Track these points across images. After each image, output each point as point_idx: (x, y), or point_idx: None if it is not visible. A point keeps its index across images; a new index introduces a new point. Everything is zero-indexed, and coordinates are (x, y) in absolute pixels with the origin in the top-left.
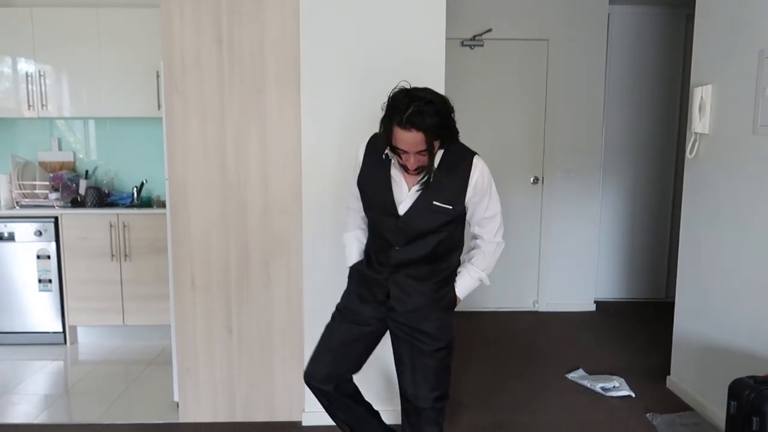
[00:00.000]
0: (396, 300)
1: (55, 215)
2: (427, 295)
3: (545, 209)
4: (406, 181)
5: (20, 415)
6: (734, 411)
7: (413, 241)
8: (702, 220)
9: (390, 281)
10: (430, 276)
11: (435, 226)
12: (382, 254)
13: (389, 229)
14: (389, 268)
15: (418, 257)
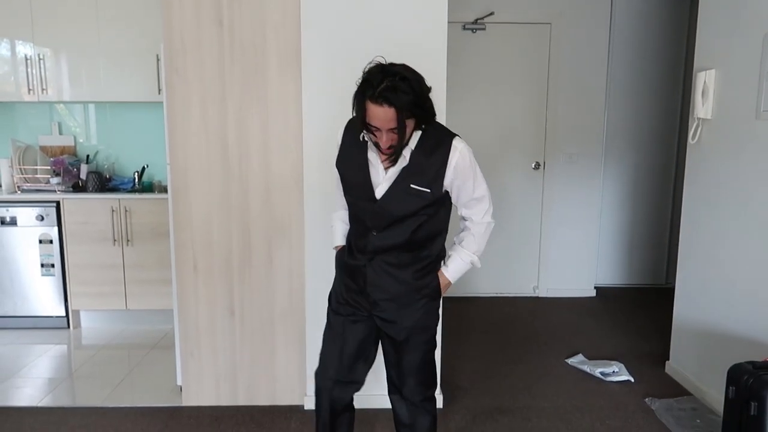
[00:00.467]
0: (372, 287)
1: (56, 200)
2: (407, 284)
3: (546, 194)
4: (383, 163)
5: (25, 398)
6: (733, 396)
7: (391, 225)
8: (703, 206)
9: (368, 268)
10: (410, 264)
11: (412, 210)
12: (360, 240)
13: (367, 213)
14: (368, 255)
15: (396, 243)
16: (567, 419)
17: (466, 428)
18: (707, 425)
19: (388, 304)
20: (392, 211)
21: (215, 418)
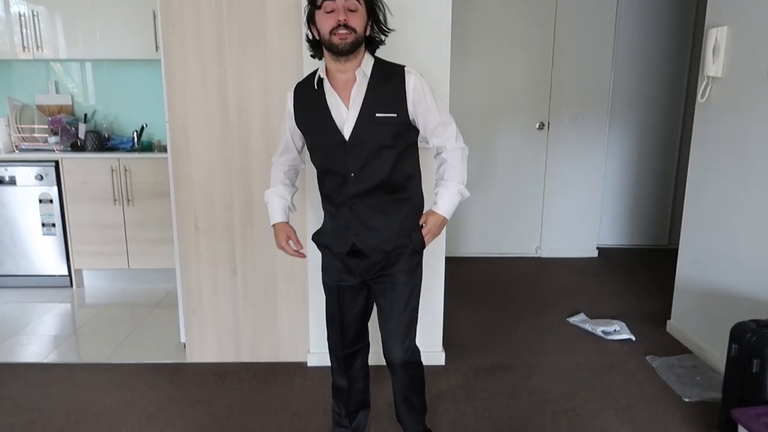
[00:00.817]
0: (359, 235)
1: (55, 159)
2: (393, 228)
3: (550, 155)
4: (344, 100)
5: (30, 354)
6: (735, 353)
7: (367, 164)
8: (710, 165)
9: (352, 215)
10: (392, 209)
11: (383, 141)
12: (338, 193)
13: (340, 159)
14: (348, 204)
15: (375, 183)
16: (568, 376)
17: (468, 385)
18: (708, 382)
19: (377, 254)
20: (364, 146)
21: (219, 374)
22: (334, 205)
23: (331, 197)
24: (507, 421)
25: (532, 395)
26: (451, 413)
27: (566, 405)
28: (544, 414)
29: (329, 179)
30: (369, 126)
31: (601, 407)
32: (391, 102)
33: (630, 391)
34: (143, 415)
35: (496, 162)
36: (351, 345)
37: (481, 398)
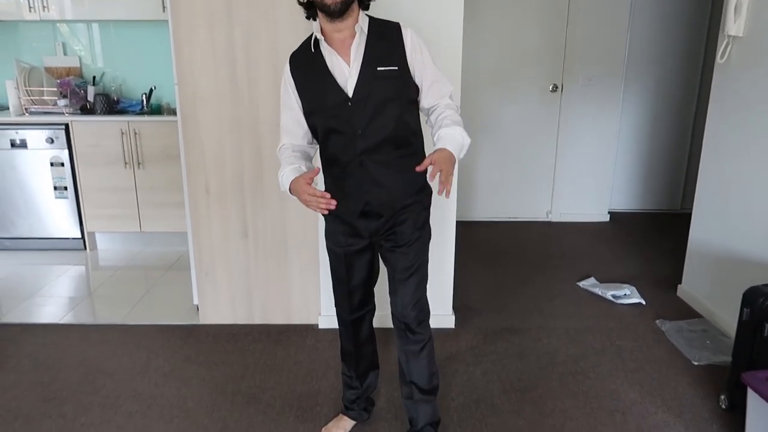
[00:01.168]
0: (370, 194)
1: (65, 122)
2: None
3: (563, 117)
4: (344, 58)
5: (47, 315)
6: (746, 317)
7: (373, 120)
8: (728, 128)
9: (363, 177)
10: (400, 165)
11: (388, 93)
12: (344, 152)
13: (344, 118)
14: (357, 161)
15: (382, 138)
16: (577, 339)
17: (477, 347)
18: (717, 346)
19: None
20: (369, 102)
21: (232, 335)
22: (339, 166)
23: (337, 158)
24: (516, 383)
25: (541, 357)
26: (461, 375)
27: (575, 367)
28: (553, 376)
29: (334, 140)
30: (372, 80)
31: (610, 370)
32: (391, 55)
33: (639, 354)
34: (159, 374)
35: (508, 125)
36: (358, 309)
37: (491, 360)
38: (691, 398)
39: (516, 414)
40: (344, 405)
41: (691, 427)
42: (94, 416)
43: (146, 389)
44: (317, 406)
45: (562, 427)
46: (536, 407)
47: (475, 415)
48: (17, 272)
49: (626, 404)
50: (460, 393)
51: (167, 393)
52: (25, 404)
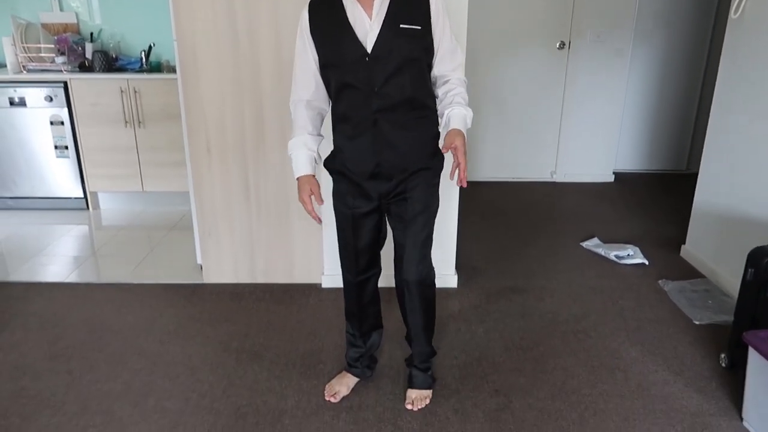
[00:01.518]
0: (382, 155)
1: (63, 80)
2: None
3: (570, 75)
4: (366, 11)
5: (52, 274)
6: (750, 278)
7: (390, 78)
8: (739, 86)
9: (376, 137)
10: (414, 126)
11: (408, 52)
12: (359, 109)
13: (362, 73)
14: (371, 120)
15: (399, 99)
16: (579, 299)
17: (480, 307)
18: (719, 306)
19: (398, 174)
20: (388, 59)
21: (236, 294)
22: (351, 124)
23: (350, 116)
24: (518, 342)
25: (544, 317)
26: (463, 333)
27: (577, 326)
28: (555, 335)
29: (348, 95)
30: (393, 38)
31: (612, 329)
32: (415, 13)
33: (641, 313)
34: (164, 332)
35: (513, 83)
36: (365, 271)
37: (493, 319)
38: (692, 357)
39: (517, 371)
40: (347, 363)
41: (691, 384)
42: (101, 373)
43: (151, 347)
44: (320, 364)
45: (563, 384)
46: (538, 365)
47: (476, 372)
48: (21, 232)
49: (627, 362)
50: (462, 351)
51: (172, 350)
52: (33, 361)
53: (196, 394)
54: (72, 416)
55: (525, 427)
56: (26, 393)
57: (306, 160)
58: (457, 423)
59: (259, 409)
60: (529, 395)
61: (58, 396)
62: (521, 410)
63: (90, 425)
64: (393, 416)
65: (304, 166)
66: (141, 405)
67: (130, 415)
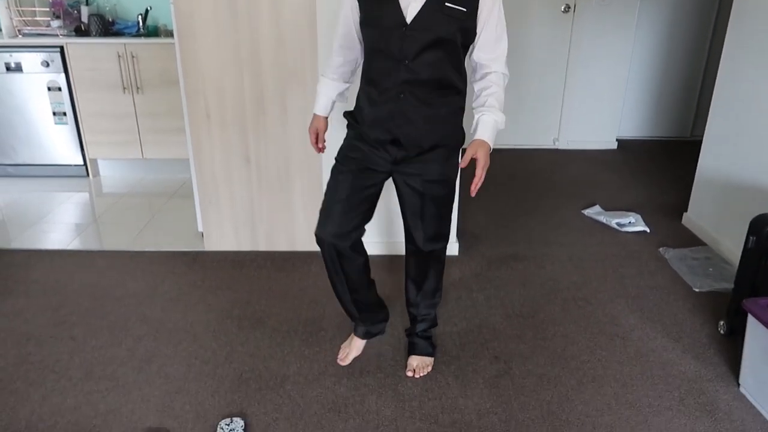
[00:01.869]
0: (400, 129)
1: (60, 44)
2: (436, 123)
3: (574, 41)
4: None
5: (54, 241)
6: (752, 245)
7: (423, 53)
8: (746, 52)
9: (396, 109)
10: (439, 104)
11: (446, 32)
12: (386, 77)
13: (395, 43)
14: (395, 91)
15: (428, 76)
16: (580, 267)
17: (481, 274)
18: (720, 274)
19: (412, 146)
20: (424, 34)
21: (237, 262)
22: (377, 90)
23: (378, 82)
24: (518, 309)
25: (544, 284)
26: (464, 301)
27: (577, 294)
28: (555, 302)
29: (379, 61)
30: (435, 13)
31: (612, 296)
32: None
33: (641, 281)
34: (166, 299)
35: (515, 47)
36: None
37: (494, 287)
38: (691, 324)
39: (517, 338)
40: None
41: (689, 351)
42: (104, 339)
43: (154, 314)
44: (322, 331)
45: (563, 351)
46: (538, 332)
47: (477, 339)
48: (21, 199)
49: (626, 329)
50: (462, 318)
51: (174, 317)
52: (36, 328)
53: (198, 360)
54: (76, 381)
55: (524, 393)
56: (31, 359)
57: (323, 102)
58: (457, 389)
59: (262, 375)
60: (528, 362)
61: (63, 362)
62: (521, 376)
63: (94, 390)
64: (394, 382)
65: (320, 108)
66: (144, 371)
67: (134, 380)
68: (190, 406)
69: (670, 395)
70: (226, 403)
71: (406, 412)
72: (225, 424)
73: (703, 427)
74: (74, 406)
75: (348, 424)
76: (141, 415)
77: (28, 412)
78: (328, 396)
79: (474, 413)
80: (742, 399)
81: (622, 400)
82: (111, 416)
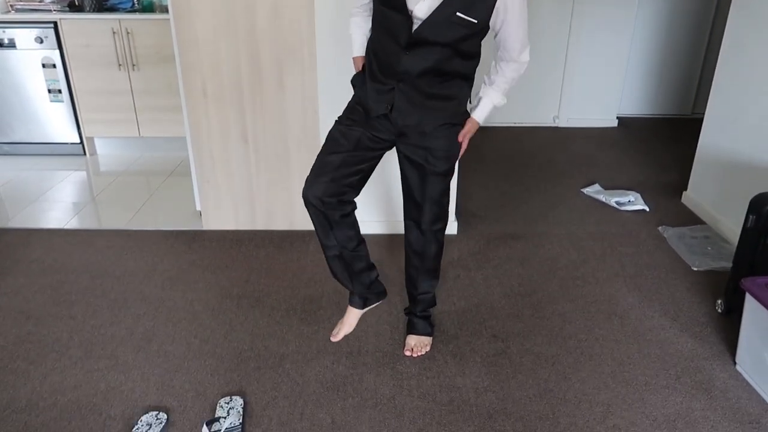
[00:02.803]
0: (398, 113)
1: (53, 20)
2: (435, 111)
3: (576, 16)
4: None
5: (52, 220)
6: (751, 224)
7: (427, 50)
8: (749, 28)
9: (396, 91)
10: (440, 92)
11: (451, 39)
12: (388, 60)
13: (401, 30)
14: (397, 76)
15: (428, 68)
16: (579, 245)
17: (480, 253)
18: (718, 252)
19: (413, 130)
20: (428, 37)
21: (236, 241)
22: (380, 65)
23: (381, 59)
24: (516, 288)
25: (543, 263)
26: (462, 280)
27: (575, 272)
28: (553, 281)
29: (385, 39)
30: (444, 22)
31: (610, 275)
32: (479, 7)
33: (639, 260)
34: (165, 278)
35: None
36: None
37: (492, 266)
38: (688, 302)
39: (515, 317)
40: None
41: (687, 330)
42: (104, 318)
43: (153, 292)
44: (320, 310)
45: (560, 330)
46: (536, 311)
47: (475, 318)
48: (19, 177)
49: (624, 308)
50: (461, 297)
51: (174, 296)
52: (36, 306)
53: (198, 339)
54: (77, 360)
55: (522, 372)
56: (31, 338)
57: (360, 41)
58: (455, 367)
59: (261, 353)
60: (526, 340)
61: (63, 341)
62: (518, 355)
63: (94, 369)
64: (392, 361)
65: (358, 48)
66: (144, 349)
67: (134, 359)
68: (190, 385)
69: (667, 373)
70: (225, 382)
71: (404, 391)
72: (224, 403)
73: (699, 404)
74: (74, 385)
75: (346, 403)
76: (141, 393)
77: (29, 391)
78: (326, 374)
79: (472, 391)
80: (738, 377)
81: (619, 378)
82: (111, 395)
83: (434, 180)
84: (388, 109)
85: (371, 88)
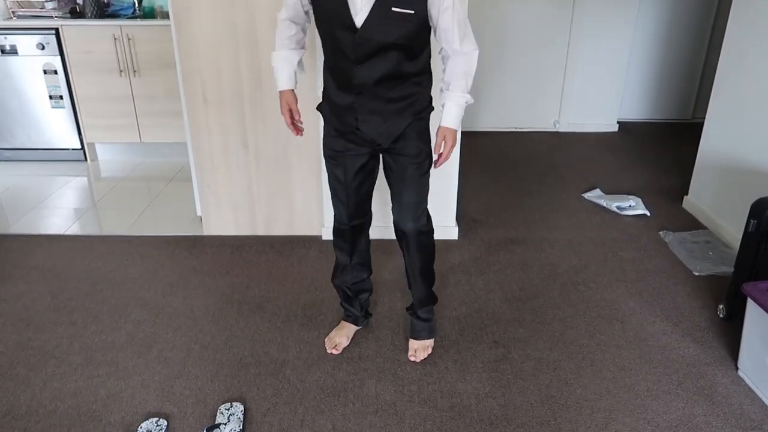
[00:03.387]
0: (365, 123)
1: (55, 26)
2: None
3: (576, 20)
4: None
5: (52, 226)
6: (753, 229)
7: (374, 56)
8: (750, 33)
9: (357, 104)
10: (400, 92)
11: (397, 38)
12: (344, 75)
13: (347, 44)
14: (354, 89)
15: (383, 75)
16: (580, 250)
17: (481, 258)
18: (719, 257)
19: (385, 138)
20: (375, 40)
21: (236, 246)
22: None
23: (336, 75)
24: (517, 293)
25: (543, 268)
26: (463, 285)
27: (576, 278)
28: (554, 286)
29: (335, 56)
30: (382, 20)
31: (611, 280)
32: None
33: (641, 265)
34: (165, 284)
35: (515, 29)
36: (356, 216)
37: (493, 271)
38: (690, 307)
39: (517, 322)
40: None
41: (688, 334)
42: (104, 324)
43: (153, 298)
44: (321, 315)
45: (561, 335)
46: (537, 316)
47: (476, 323)
48: (20, 183)
49: (625, 313)
50: (462, 303)
51: (174, 302)
52: (36, 312)
53: (198, 345)
54: (77, 366)
55: (523, 377)
56: (31, 344)
57: (286, 75)
58: (456, 373)
59: (261, 359)
60: (527, 346)
61: (63, 347)
62: (520, 361)
63: (95, 375)
64: (393, 366)
65: (284, 82)
66: (144, 355)
67: (134, 365)
68: (190, 391)
69: (669, 379)
70: (225, 388)
71: (405, 396)
72: (225, 409)
73: (702, 410)
74: (74, 391)
75: (347, 409)
76: (141, 399)
77: (29, 397)
78: (327, 380)
79: (473, 397)
80: (740, 383)
81: (621, 384)
82: (111, 401)
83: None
84: (355, 123)
85: (333, 108)
